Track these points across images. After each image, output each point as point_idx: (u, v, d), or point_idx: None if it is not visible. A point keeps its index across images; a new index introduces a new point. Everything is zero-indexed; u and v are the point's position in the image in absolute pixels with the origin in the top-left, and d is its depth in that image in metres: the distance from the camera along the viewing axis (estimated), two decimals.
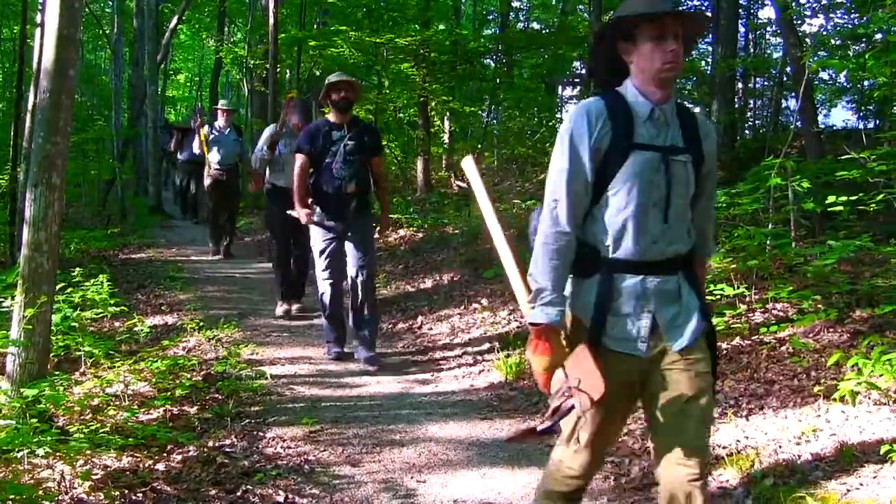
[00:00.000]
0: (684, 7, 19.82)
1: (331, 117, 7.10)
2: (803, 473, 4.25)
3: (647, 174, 2.95)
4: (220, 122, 12.62)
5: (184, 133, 16.46)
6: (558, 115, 22.32)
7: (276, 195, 8.82)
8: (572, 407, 2.93)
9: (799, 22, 12.49)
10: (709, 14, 14.07)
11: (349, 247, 7.07)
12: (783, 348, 5.94)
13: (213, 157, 12.30)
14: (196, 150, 12.97)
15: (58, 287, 6.14)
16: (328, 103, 7.11)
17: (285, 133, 8.96)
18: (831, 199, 7.15)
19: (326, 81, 7.08)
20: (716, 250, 5.36)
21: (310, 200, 7.13)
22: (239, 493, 4.47)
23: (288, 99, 9.20)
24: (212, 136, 12.38)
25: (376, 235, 8.15)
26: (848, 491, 4.05)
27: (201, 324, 8.06)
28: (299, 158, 7.06)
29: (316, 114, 14.23)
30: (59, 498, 4.13)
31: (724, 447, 4.71)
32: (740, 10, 17.57)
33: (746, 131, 20.28)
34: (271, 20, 15.52)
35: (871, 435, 4.49)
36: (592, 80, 3.99)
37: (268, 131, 9.14)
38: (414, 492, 4.58)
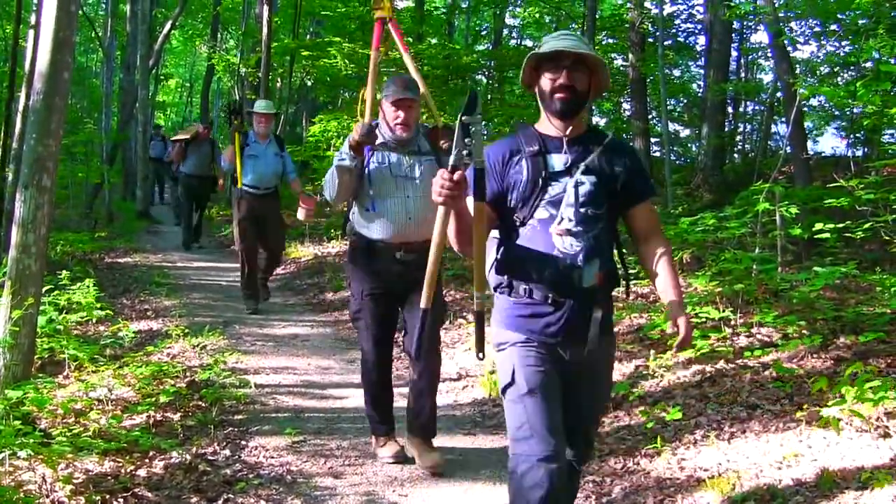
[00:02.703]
0: (676, 28, 19.99)
1: (541, 127, 3.44)
2: (784, 498, 4.26)
3: None
4: (259, 129, 9.63)
5: (188, 142, 13.85)
6: None
7: (366, 252, 5.08)
8: None
9: (791, 48, 12.58)
10: None
11: (574, 401, 3.46)
12: (767, 373, 5.96)
13: (248, 177, 9.40)
14: (224, 162, 9.84)
15: (44, 289, 6.12)
16: (538, 96, 3.43)
17: (390, 141, 4.99)
18: (819, 225, 7.20)
19: (537, 49, 3.39)
20: None
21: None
22: (220, 502, 4.48)
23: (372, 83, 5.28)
24: (247, 149, 9.41)
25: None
26: None
27: (186, 331, 8.04)
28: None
29: (306, 125, 13.71)
30: (40, 501, 4.11)
31: (705, 469, 4.72)
32: (733, 35, 17.72)
33: (735, 155, 20.43)
34: (265, 29, 15.54)
35: (852, 462, 4.51)
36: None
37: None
38: None
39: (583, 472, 3.94)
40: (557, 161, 3.34)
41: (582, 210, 3.29)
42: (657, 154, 18.76)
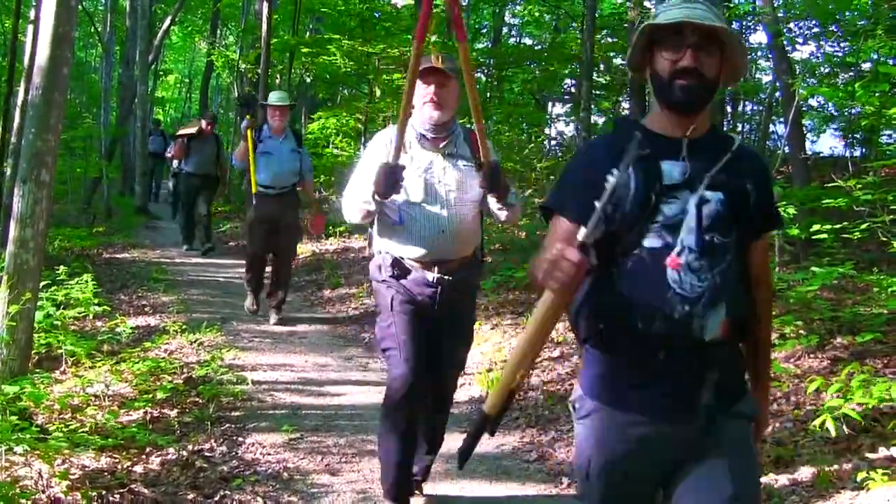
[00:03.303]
0: None
1: (652, 123, 2.52)
2: (780, 498, 4.27)
3: None
4: (273, 123, 8.73)
5: (191, 137, 12.88)
6: (547, 132, 22.44)
7: (392, 271, 4.13)
8: None
9: (790, 48, 12.59)
10: None
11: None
12: None
13: (261, 176, 8.61)
14: (236, 160, 9.06)
15: (42, 284, 6.12)
16: (650, 82, 2.51)
17: (422, 135, 4.12)
18: (816, 226, 7.20)
19: (652, 20, 2.44)
20: None
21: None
22: (217, 498, 4.47)
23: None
24: (260, 146, 8.63)
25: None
26: None
27: (184, 327, 8.03)
28: (558, 230, 2.53)
29: (305, 122, 13.60)
30: (36, 497, 4.10)
31: None
32: None
33: None
34: (265, 25, 15.52)
35: (849, 461, 4.51)
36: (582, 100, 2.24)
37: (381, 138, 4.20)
38: None
39: None
40: (673, 170, 2.41)
41: (707, 237, 2.37)
42: None
